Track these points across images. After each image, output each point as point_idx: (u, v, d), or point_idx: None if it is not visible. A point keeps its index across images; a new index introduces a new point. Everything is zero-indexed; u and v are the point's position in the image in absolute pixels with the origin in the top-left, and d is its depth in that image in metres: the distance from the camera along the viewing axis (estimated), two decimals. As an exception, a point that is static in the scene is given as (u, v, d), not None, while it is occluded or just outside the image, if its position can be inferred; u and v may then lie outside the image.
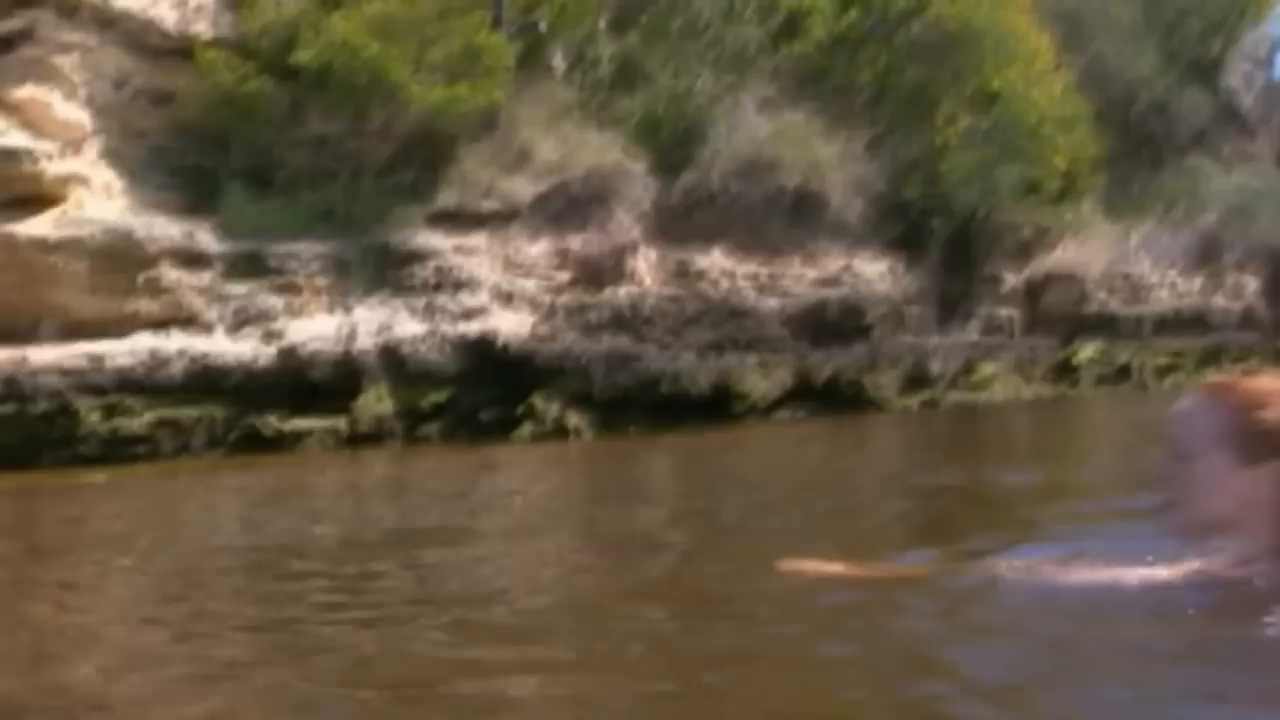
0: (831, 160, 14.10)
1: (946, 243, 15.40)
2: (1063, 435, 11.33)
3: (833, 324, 13.70)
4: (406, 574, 3.97)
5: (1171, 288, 18.28)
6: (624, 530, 5.00)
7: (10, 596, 4.02)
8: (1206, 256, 18.87)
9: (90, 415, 10.05)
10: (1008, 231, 15.87)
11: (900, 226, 14.99)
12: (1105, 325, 17.17)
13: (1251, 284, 19.36)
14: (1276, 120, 22.58)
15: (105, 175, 10.39)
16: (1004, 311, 16.08)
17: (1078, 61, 17.67)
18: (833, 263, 14.27)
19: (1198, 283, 18.81)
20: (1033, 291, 16.78)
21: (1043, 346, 16.51)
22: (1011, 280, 16.44)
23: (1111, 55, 18.56)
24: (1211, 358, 18.07)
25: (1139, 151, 19.20)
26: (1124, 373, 16.98)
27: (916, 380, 14.29)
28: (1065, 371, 16.46)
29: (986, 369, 15.23)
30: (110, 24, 10.35)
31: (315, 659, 2.68)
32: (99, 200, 10.30)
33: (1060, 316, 16.88)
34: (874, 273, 14.53)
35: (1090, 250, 17.36)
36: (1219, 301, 18.82)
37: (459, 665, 2.58)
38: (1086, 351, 16.67)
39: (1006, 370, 15.43)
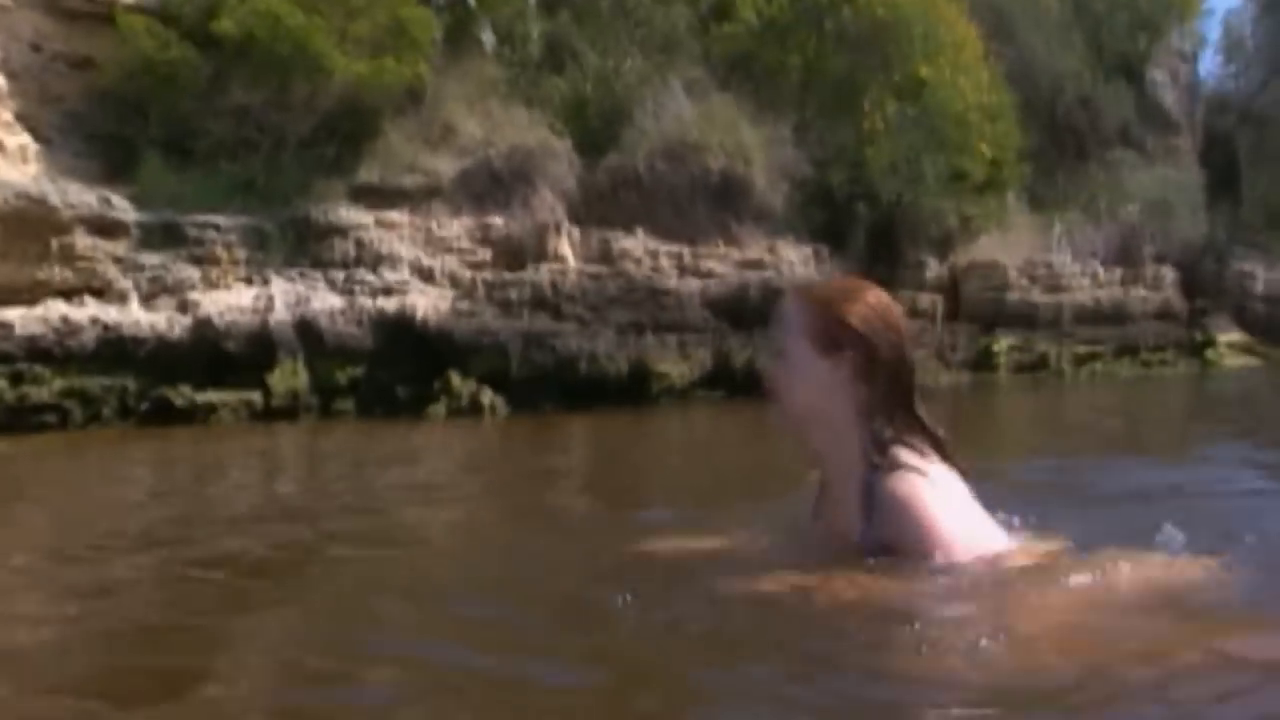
0: (757, 145, 14.18)
1: (871, 230, 15.51)
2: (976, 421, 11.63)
3: (754, 308, 13.44)
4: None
5: (1092, 279, 18.59)
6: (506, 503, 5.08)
7: None
8: (1126, 250, 19.23)
9: None
10: (932, 220, 15.98)
11: (825, 213, 15.06)
12: (1026, 315, 17.43)
13: (1169, 277, 19.75)
14: (1199, 117, 23.06)
15: (19, 139, 10.25)
16: (926, 298, 16.21)
17: (1005, 53, 17.84)
18: (756, 247, 14.33)
19: (1118, 275, 19.16)
20: (955, 280, 16.97)
21: (964, 334, 16.76)
22: (935, 268, 16.59)
23: (1039, 48, 18.79)
24: (1129, 349, 18.52)
25: (1064, 144, 19.51)
26: (1043, 362, 17.31)
27: None
28: (985, 359, 16.75)
29: None
30: (28, -14, 10.20)
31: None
32: (12, 164, 10.17)
33: (982, 305, 17.12)
34: (797, 257, 14.59)
35: (1013, 241, 17.62)
36: (1138, 293, 19.20)
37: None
38: (1006, 340, 16.97)
39: (927, 356, 15.58)
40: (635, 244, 13.34)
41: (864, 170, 15.14)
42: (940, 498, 2.33)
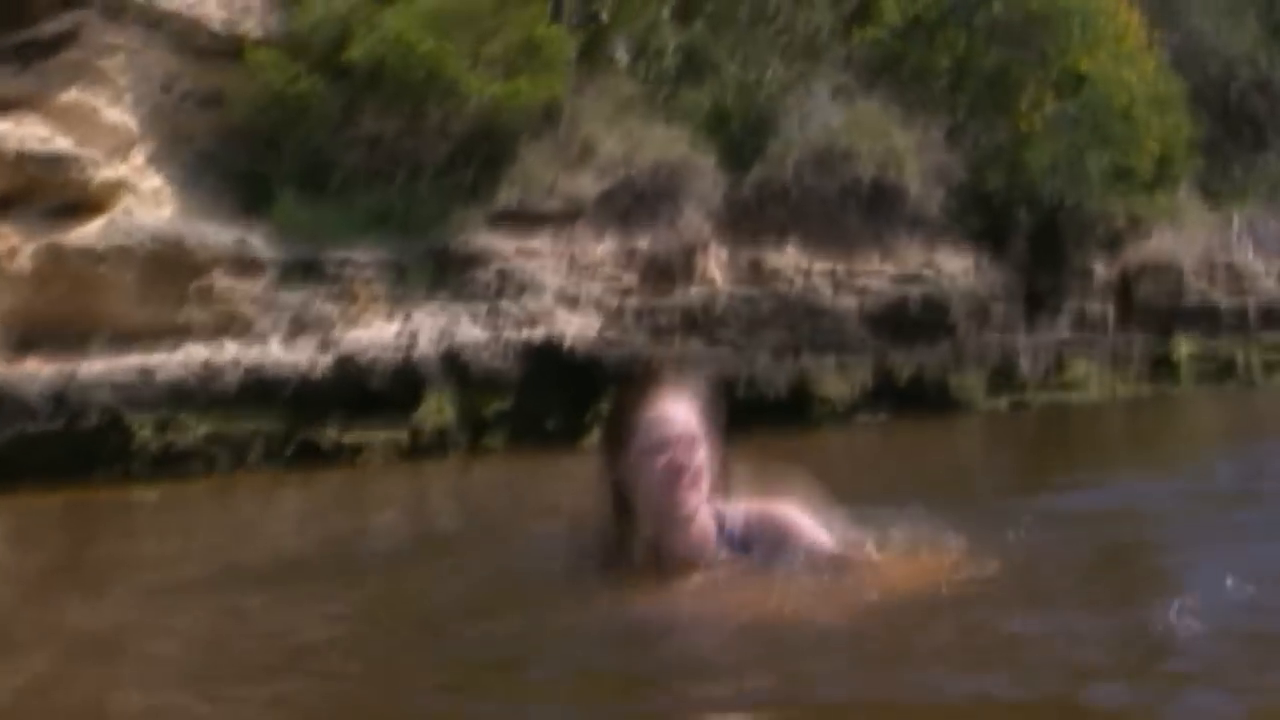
0: (909, 149, 13.46)
1: (1033, 234, 14.68)
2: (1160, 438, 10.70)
3: (914, 321, 13.18)
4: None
5: (1278, 277, 17.24)
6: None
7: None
8: (1315, 242, 17.80)
9: (142, 430, 9.68)
10: (1098, 221, 15.08)
11: (983, 218, 14.31)
12: (1205, 318, 16.22)
13: (1364, 270, 18.20)
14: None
15: (153, 181, 10.03)
16: (1096, 306, 15.28)
17: (1171, 39, 16.84)
18: (913, 257, 13.65)
19: (1307, 270, 17.76)
20: (1126, 284, 15.89)
21: (1139, 342, 15.69)
22: (1103, 272, 15.58)
23: (1208, 31, 17.71)
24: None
25: (1239, 132, 18.26)
26: (1228, 369, 16.06)
27: (1004, 380, 13.66)
28: (1164, 368, 15.59)
29: (1079, 367, 14.53)
30: (157, 24, 10.01)
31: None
32: (147, 207, 9.94)
33: (1156, 310, 15.96)
34: (957, 267, 13.89)
35: (1188, 239, 16.42)
36: (1330, 290, 17.72)
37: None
38: (1186, 347, 15.79)
39: (1100, 368, 14.71)
40: (786, 260, 12.78)
41: (1023, 172, 14.31)
42: None
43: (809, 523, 3.04)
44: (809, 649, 2.70)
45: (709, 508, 3.06)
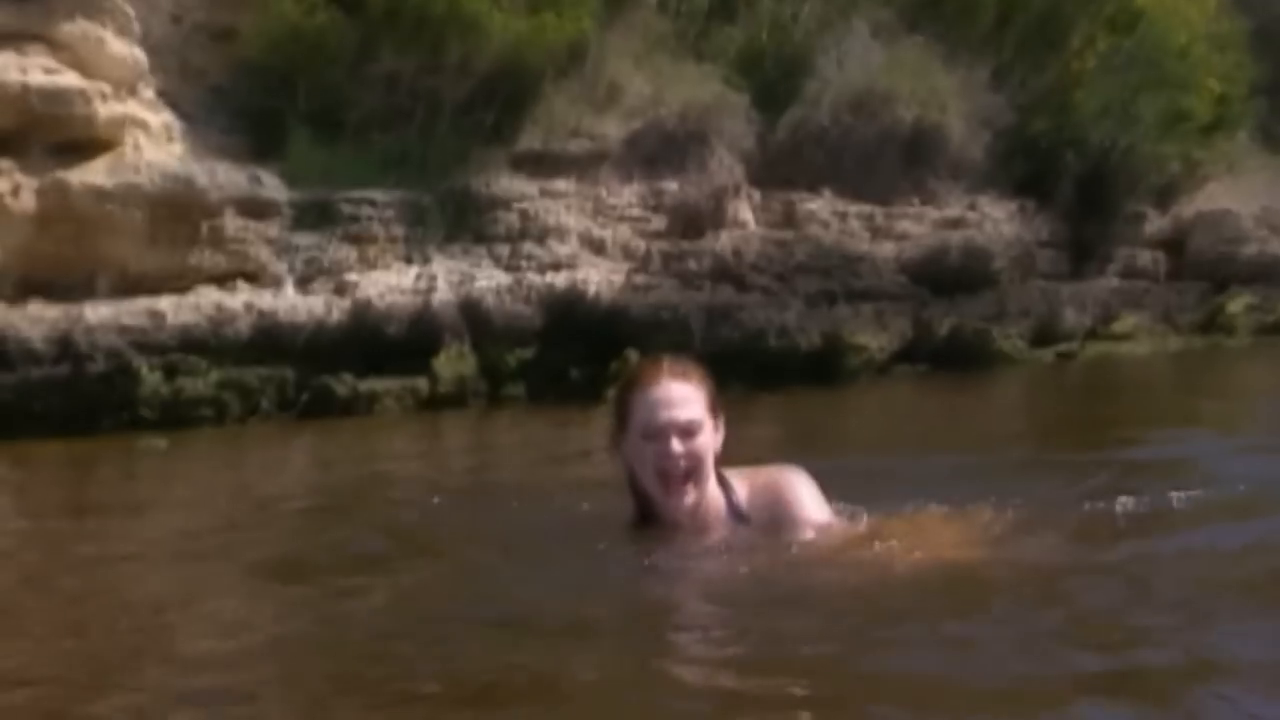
0: (952, 91, 13.13)
1: (1081, 181, 14.18)
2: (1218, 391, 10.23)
3: (955, 271, 12.78)
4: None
5: (1340, 227, 16.56)
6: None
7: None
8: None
9: (151, 376, 9.37)
10: (1151, 167, 14.57)
11: (1029, 164, 13.95)
12: (1264, 270, 15.59)
13: None
14: None
15: (163, 117, 9.67)
16: (1147, 255, 14.82)
17: (1233, -28, 16.22)
18: (954, 204, 13.32)
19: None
20: (1180, 233, 15.38)
21: (1192, 293, 15.18)
22: (1155, 221, 15.10)
23: (1273, -35, 17.05)
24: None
25: (1303, 75, 17.54)
26: (1286, 322, 15.44)
27: (1049, 332, 13.22)
28: (1218, 321, 15.00)
29: (1128, 319, 14.02)
30: (167, -48, 9.68)
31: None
32: (156, 145, 9.58)
33: (1211, 260, 15.41)
34: (1001, 214, 13.56)
35: (1246, 187, 15.86)
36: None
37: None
38: (1243, 298, 15.16)
39: (1151, 320, 14.21)
40: (822, 205, 12.44)
41: (1072, 115, 13.94)
42: None
43: (809, 493, 3.05)
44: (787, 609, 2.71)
45: (713, 482, 3.06)
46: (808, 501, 3.04)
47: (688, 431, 2.94)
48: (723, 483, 3.06)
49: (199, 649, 2.77)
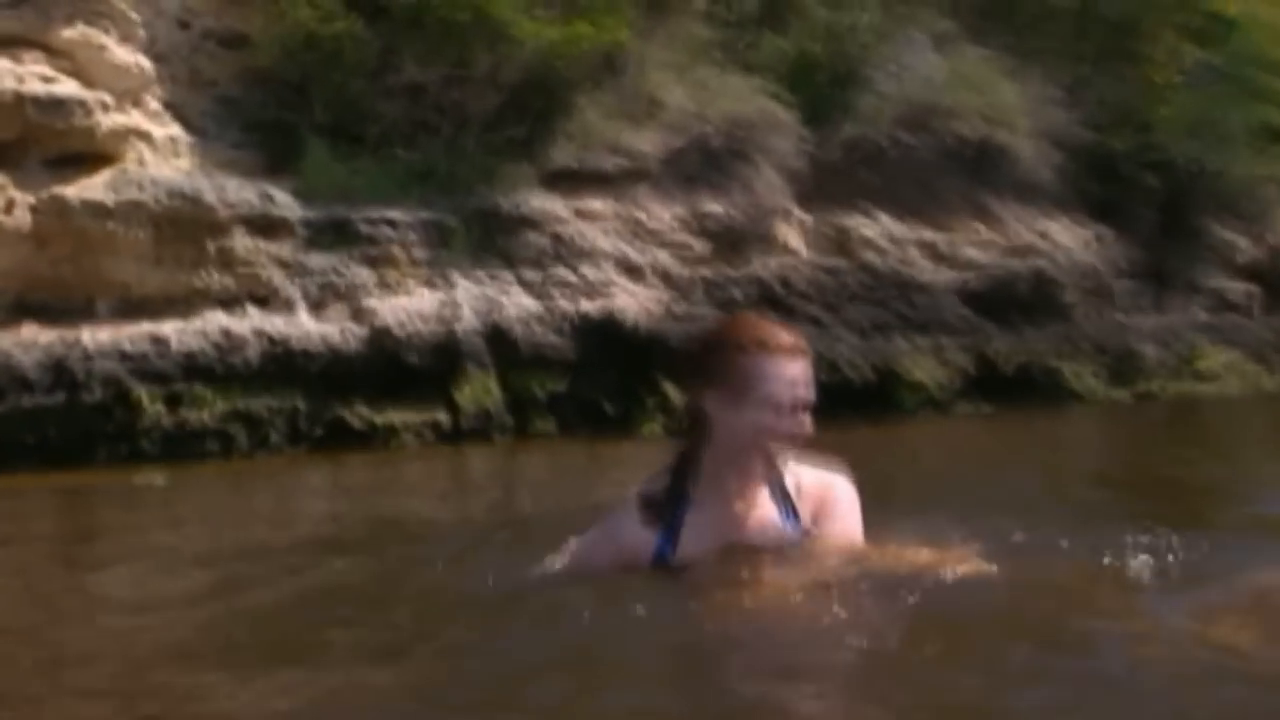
0: (1021, 107, 12.78)
1: (1164, 205, 13.74)
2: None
3: (1023, 301, 12.38)
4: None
5: None
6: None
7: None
8: None
9: (153, 406, 9.15)
10: (1243, 189, 14.03)
11: (1106, 186, 13.50)
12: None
13: None
14: None
15: (169, 130, 9.53)
16: (1238, 287, 14.07)
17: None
18: (1023, 229, 12.86)
19: None
20: (1275, 262, 14.67)
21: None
22: (1248, 248, 14.40)
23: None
24: None
25: None
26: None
27: (1127, 370, 12.67)
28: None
29: (1216, 356, 13.33)
30: (174, -48, 9.59)
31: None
32: (162, 159, 9.45)
33: (1312, 292, 14.87)
34: (1074, 240, 13.07)
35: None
36: None
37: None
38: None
39: (1242, 358, 13.48)
40: (877, 230, 12.12)
41: (1154, 133, 13.47)
42: None
43: (854, 508, 3.06)
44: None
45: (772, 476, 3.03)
46: (850, 515, 3.07)
47: (809, 408, 2.99)
48: (778, 477, 3.05)
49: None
